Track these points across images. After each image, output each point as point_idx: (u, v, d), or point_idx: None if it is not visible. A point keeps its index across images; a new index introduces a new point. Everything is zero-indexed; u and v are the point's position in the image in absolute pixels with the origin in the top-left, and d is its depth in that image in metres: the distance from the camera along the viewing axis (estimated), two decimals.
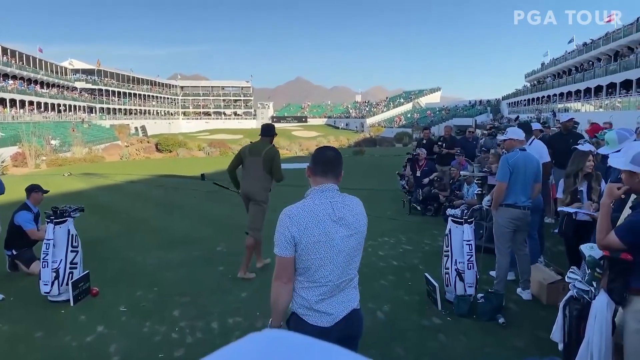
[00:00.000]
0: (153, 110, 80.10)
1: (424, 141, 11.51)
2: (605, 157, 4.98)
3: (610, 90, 32.89)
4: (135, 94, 75.79)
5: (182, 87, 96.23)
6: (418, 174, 10.63)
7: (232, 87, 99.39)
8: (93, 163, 33.70)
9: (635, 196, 2.78)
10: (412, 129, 59.47)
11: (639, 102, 26.72)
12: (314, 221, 2.29)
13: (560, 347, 3.32)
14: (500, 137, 7.82)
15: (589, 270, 2.92)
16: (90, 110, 63.58)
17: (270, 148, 6.10)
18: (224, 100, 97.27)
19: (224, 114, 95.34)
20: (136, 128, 66.95)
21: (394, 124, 75.73)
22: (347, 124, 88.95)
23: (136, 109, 74.43)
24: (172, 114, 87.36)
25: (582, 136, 9.26)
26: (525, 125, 6.65)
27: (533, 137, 6.36)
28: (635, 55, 29.76)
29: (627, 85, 30.33)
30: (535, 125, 8.40)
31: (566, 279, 3.21)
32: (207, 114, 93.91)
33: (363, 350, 3.39)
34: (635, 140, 4.23)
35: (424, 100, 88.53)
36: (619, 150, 3.93)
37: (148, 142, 51.24)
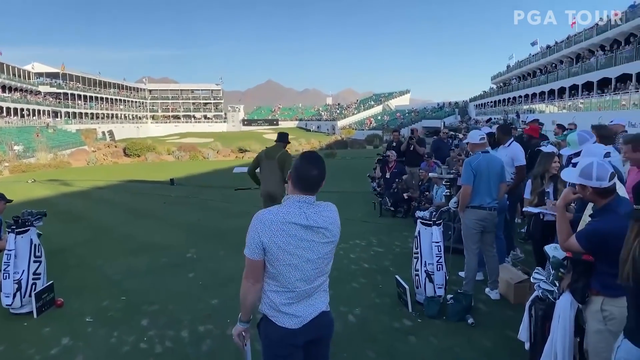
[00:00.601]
0: (121, 114, 78.67)
1: (394, 144, 11.61)
2: (569, 158, 5.13)
3: (572, 91, 33.87)
4: (102, 98, 74.20)
5: (150, 91, 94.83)
6: (388, 175, 10.73)
7: (202, 90, 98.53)
8: (58, 169, 32.84)
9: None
10: (382, 131, 60.06)
11: (600, 103, 27.62)
12: (284, 229, 2.28)
13: (527, 346, 3.39)
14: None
15: (553, 271, 2.99)
16: (55, 114, 61.95)
17: (283, 152, 7.01)
18: (193, 103, 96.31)
19: (194, 117, 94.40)
20: (103, 132, 65.62)
21: (365, 126, 76.39)
22: (318, 127, 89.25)
23: (103, 113, 72.93)
24: (140, 118, 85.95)
25: (546, 137, 9.50)
26: (504, 128, 6.82)
27: (512, 138, 6.47)
28: (596, 58, 30.74)
29: (588, 86, 31.30)
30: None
31: (531, 280, 3.29)
32: (177, 117, 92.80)
33: (334, 354, 3.39)
34: (595, 142, 4.36)
35: (393, 103, 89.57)
36: (579, 152, 4.07)
37: (116, 146, 50.32)
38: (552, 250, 3.02)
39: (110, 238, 9.03)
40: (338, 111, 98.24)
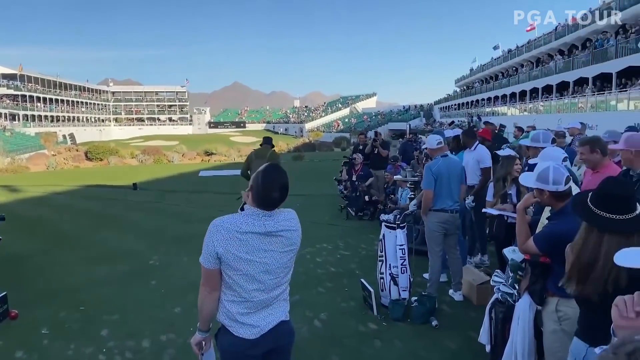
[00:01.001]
0: (82, 117, 76.50)
1: (360, 146, 11.69)
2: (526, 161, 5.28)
3: (533, 94, 34.83)
4: (62, 100, 71.92)
5: (113, 93, 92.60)
6: (354, 178, 10.78)
7: (167, 92, 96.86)
8: (16, 174, 31.73)
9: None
10: (350, 134, 60.42)
11: (559, 105, 28.50)
12: (241, 238, 2.21)
13: (488, 349, 3.43)
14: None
15: (512, 274, 3.04)
16: (13, 117, 59.72)
17: (271, 151, 7.98)
18: (158, 105, 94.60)
19: (159, 119, 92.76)
20: (64, 136, 63.69)
21: (333, 129, 76.66)
22: (286, 129, 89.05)
23: (64, 116, 70.72)
24: (102, 121, 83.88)
25: (507, 140, 9.73)
26: (469, 131, 7.02)
27: (477, 142, 6.59)
28: (555, 62, 31.71)
29: (548, 89, 32.25)
30: (457, 131, 8.77)
31: (491, 283, 3.33)
32: (141, 120, 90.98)
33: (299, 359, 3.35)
34: (553, 145, 4.48)
35: (360, 106, 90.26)
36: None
37: (77, 150, 49.00)
38: (511, 253, 3.07)
39: (69, 246, 8.75)
40: (306, 114, 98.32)
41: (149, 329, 4.88)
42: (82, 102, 78.17)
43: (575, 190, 3.14)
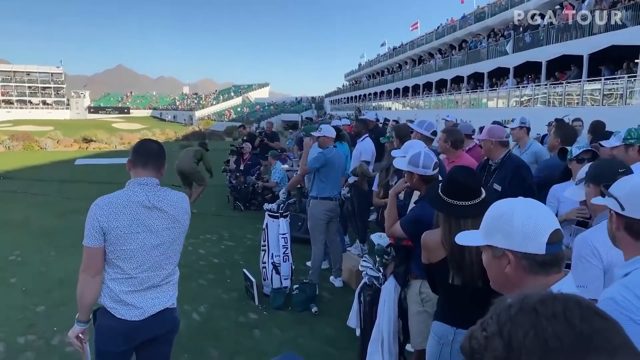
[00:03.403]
0: None
1: (244, 137, 11.82)
2: None
3: (415, 90, 36.88)
4: None
5: None
6: (242, 167, 10.68)
7: (40, 72, 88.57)
8: None
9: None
10: (242, 123, 59.73)
11: (438, 102, 30.52)
12: (125, 210, 2.19)
13: (358, 332, 3.55)
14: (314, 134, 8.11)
15: (378, 258, 3.17)
16: None
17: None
18: (29, 87, 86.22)
19: (30, 102, 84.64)
20: None
21: (225, 118, 75.23)
22: (174, 117, 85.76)
23: None
24: None
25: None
26: (364, 122, 7.19)
27: (366, 134, 6.74)
28: (435, 60, 33.85)
29: (428, 86, 34.34)
30: (345, 121, 9.06)
31: (360, 268, 3.45)
32: (9, 102, 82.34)
33: (175, 355, 3.20)
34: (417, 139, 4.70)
35: (253, 95, 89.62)
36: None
37: None
38: (377, 238, 3.20)
39: None
40: (196, 101, 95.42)
41: (5, 331, 4.40)
42: None
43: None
